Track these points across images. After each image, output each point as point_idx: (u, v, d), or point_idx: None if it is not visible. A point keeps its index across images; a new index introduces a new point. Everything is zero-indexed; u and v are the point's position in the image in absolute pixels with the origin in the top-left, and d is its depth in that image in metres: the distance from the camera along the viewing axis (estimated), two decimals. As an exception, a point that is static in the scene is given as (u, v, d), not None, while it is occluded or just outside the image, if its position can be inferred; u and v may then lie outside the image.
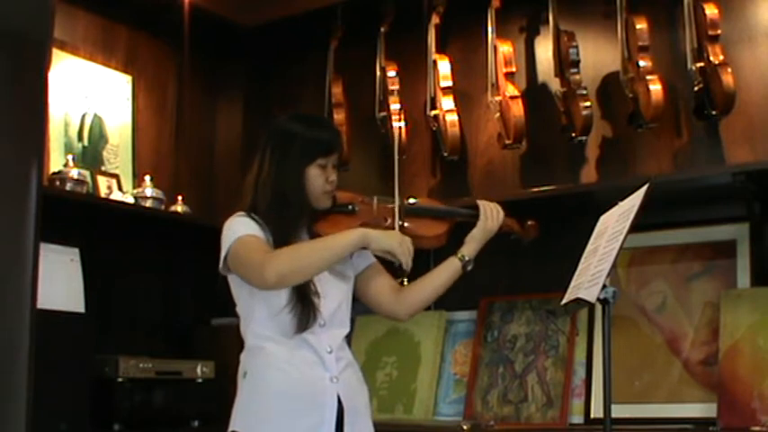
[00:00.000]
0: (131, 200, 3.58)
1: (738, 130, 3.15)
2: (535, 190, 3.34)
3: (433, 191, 3.75)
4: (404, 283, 2.50)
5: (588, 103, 3.25)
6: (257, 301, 2.38)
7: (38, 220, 2.54)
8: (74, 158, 3.40)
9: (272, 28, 4.05)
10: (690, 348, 3.08)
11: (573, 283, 2.44)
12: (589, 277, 2.33)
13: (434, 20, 3.63)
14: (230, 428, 2.39)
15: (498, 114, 3.44)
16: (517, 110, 3.35)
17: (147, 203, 3.58)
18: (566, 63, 3.30)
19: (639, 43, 3.11)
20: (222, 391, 3.44)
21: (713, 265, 3.13)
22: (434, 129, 3.65)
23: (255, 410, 2.35)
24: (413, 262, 2.43)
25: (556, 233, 3.10)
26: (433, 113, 3.62)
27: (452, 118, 3.55)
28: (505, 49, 3.42)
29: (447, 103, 3.57)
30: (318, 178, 2.44)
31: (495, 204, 2.68)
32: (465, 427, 3.17)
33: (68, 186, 3.29)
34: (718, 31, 3.00)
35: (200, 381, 3.52)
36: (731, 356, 2.93)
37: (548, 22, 3.42)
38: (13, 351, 2.44)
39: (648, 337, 3.16)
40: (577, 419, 3.18)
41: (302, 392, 2.34)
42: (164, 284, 3.94)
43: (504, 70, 3.41)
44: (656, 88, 3.07)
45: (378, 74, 3.75)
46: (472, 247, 2.61)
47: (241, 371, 2.42)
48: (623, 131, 3.34)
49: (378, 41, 3.76)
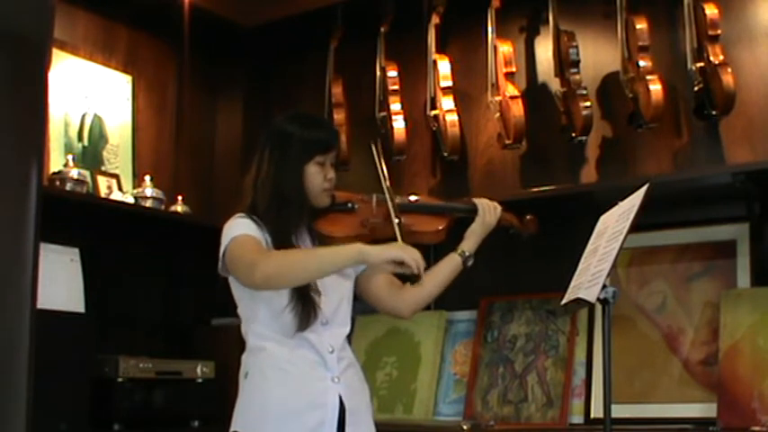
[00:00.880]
0: (131, 200, 3.58)
1: (738, 130, 3.15)
2: (535, 190, 3.34)
3: (433, 191, 3.75)
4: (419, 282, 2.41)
5: (588, 103, 3.25)
6: (259, 303, 2.38)
7: (38, 220, 2.53)
8: (74, 158, 3.40)
9: (272, 28, 4.05)
10: (690, 348, 3.08)
11: (573, 283, 2.44)
12: (589, 277, 2.33)
13: (434, 20, 3.63)
14: (232, 429, 2.39)
15: (498, 114, 3.44)
16: (517, 110, 3.35)
17: (147, 203, 3.58)
18: (566, 63, 3.30)
19: (639, 43, 3.12)
20: (222, 391, 3.44)
21: (713, 265, 3.13)
22: (434, 129, 3.65)
23: (257, 411, 2.35)
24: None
25: (556, 233, 3.10)
26: (433, 113, 3.62)
27: (452, 118, 3.56)
28: (505, 49, 3.42)
29: (447, 103, 3.57)
30: (317, 176, 2.44)
31: (492, 201, 2.68)
32: (465, 427, 3.17)
33: (68, 186, 3.29)
34: (718, 31, 3.00)
35: (200, 381, 3.52)
36: (731, 356, 2.93)
37: (548, 22, 3.42)
38: (13, 351, 2.43)
39: (648, 337, 3.16)
40: (577, 419, 3.18)
41: (304, 393, 2.34)
42: (164, 284, 3.94)
43: (504, 70, 3.41)
44: (656, 88, 3.07)
45: (378, 74, 3.76)
46: (472, 241, 2.62)
47: (242, 371, 2.42)
48: (623, 131, 3.34)
49: (378, 41, 3.76)
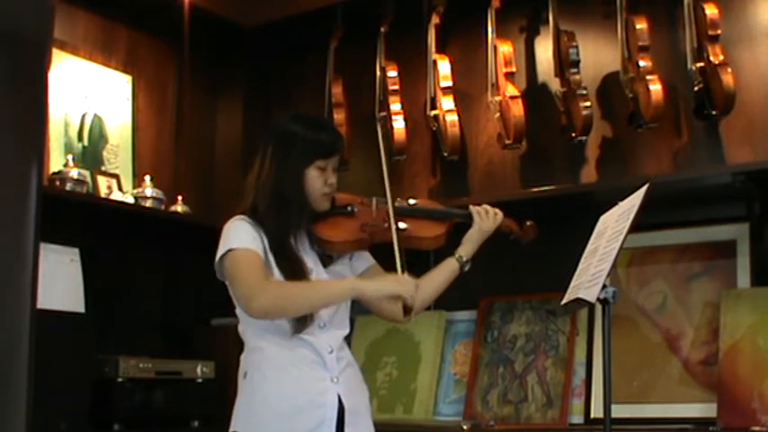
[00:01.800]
0: (131, 200, 3.58)
1: (738, 130, 3.15)
2: (535, 190, 3.34)
3: (432, 191, 3.75)
4: (411, 320, 2.46)
5: (588, 103, 3.25)
6: None
7: (38, 220, 2.53)
8: (74, 158, 3.40)
9: (272, 28, 4.05)
10: (690, 348, 3.08)
11: (573, 283, 2.44)
12: (589, 277, 2.33)
13: (434, 20, 3.63)
14: (231, 429, 2.39)
15: (498, 114, 3.44)
16: (517, 110, 3.35)
17: (147, 203, 3.58)
18: (566, 63, 3.30)
19: (639, 43, 3.11)
20: (222, 391, 3.44)
21: (713, 265, 3.13)
22: (434, 129, 3.65)
23: (256, 411, 2.35)
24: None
25: (556, 233, 3.10)
26: (433, 113, 3.62)
27: (452, 118, 3.55)
28: (505, 49, 3.42)
29: (447, 103, 3.57)
30: (317, 180, 2.43)
31: (487, 207, 2.68)
32: (465, 427, 3.17)
33: (68, 186, 3.29)
34: (718, 31, 3.00)
35: (200, 381, 3.52)
36: (731, 356, 2.93)
37: (548, 22, 3.42)
38: (13, 351, 2.43)
39: (648, 337, 3.16)
40: (577, 419, 3.18)
41: (303, 392, 2.34)
42: (164, 284, 3.94)
43: (504, 70, 3.41)
44: (656, 88, 3.07)
45: (378, 74, 3.75)
46: (469, 247, 2.63)
47: (241, 371, 2.42)
48: (623, 131, 3.34)
49: (378, 41, 3.76)
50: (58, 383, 2.92)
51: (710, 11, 3.01)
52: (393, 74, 3.71)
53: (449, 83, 3.58)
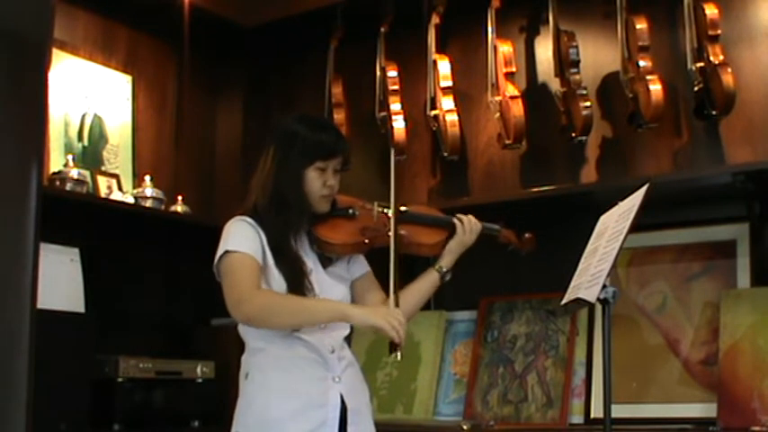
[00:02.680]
0: (131, 200, 3.58)
1: (738, 130, 3.15)
2: (535, 190, 3.34)
3: (433, 191, 3.75)
4: (398, 358, 2.40)
5: (588, 103, 3.25)
6: None
7: (38, 220, 2.53)
8: (74, 158, 3.40)
9: (272, 28, 4.05)
10: (690, 348, 3.08)
11: (573, 283, 2.44)
12: (589, 277, 2.33)
13: (434, 20, 3.63)
14: (233, 429, 2.40)
15: (498, 114, 3.44)
16: (517, 110, 3.34)
17: (147, 203, 3.58)
18: (566, 63, 3.30)
19: (639, 43, 3.11)
20: (222, 391, 3.45)
21: (713, 265, 3.13)
22: (434, 129, 3.65)
23: (258, 411, 2.36)
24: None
25: (556, 233, 3.10)
26: (433, 113, 3.62)
27: (452, 118, 3.55)
28: (505, 49, 3.42)
29: (447, 103, 3.57)
30: (316, 181, 2.43)
31: (471, 217, 2.67)
32: (465, 427, 3.17)
33: (68, 186, 3.29)
34: (718, 31, 3.00)
35: (200, 381, 3.52)
36: (731, 356, 2.93)
37: (548, 22, 3.42)
38: (13, 351, 2.43)
39: (648, 337, 3.16)
40: (577, 419, 3.18)
41: (305, 393, 2.35)
42: (164, 284, 3.93)
43: (504, 70, 3.41)
44: (656, 88, 3.07)
45: (378, 74, 3.75)
46: (449, 258, 2.63)
47: (242, 372, 2.43)
48: (623, 131, 3.34)
49: (378, 41, 3.76)
50: (58, 383, 2.93)
51: (710, 11, 3.01)
52: (393, 74, 3.71)
53: (449, 83, 3.58)
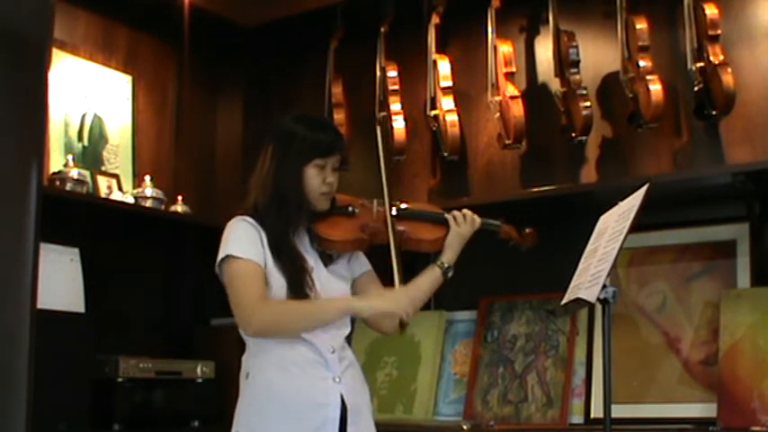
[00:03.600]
0: (131, 200, 3.58)
1: (738, 130, 3.15)
2: (535, 190, 3.34)
3: (433, 191, 3.75)
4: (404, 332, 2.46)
5: (588, 103, 3.25)
6: None
7: (38, 220, 2.53)
8: (74, 158, 3.40)
9: (272, 28, 4.04)
10: (690, 348, 3.08)
11: (573, 283, 2.44)
12: (589, 277, 2.33)
13: (434, 20, 3.63)
14: (233, 429, 2.40)
15: (498, 114, 3.44)
16: (517, 110, 3.34)
17: (147, 203, 3.58)
18: (566, 63, 3.30)
19: (639, 43, 3.11)
20: (222, 391, 3.45)
21: (713, 265, 3.13)
22: (434, 129, 3.65)
23: (259, 412, 2.36)
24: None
25: (556, 233, 3.10)
26: (433, 113, 3.62)
27: (452, 118, 3.55)
28: (505, 49, 3.42)
29: (447, 103, 3.57)
30: (315, 179, 2.44)
31: (466, 211, 2.66)
32: (465, 427, 3.17)
33: (68, 186, 3.29)
34: (718, 31, 3.00)
35: (200, 381, 3.52)
36: (731, 356, 2.93)
37: (548, 22, 3.42)
38: (13, 351, 2.44)
39: (648, 337, 3.16)
40: (577, 419, 3.18)
41: (306, 393, 2.35)
42: (164, 284, 3.94)
43: (504, 70, 3.41)
44: (656, 88, 3.07)
45: (378, 74, 3.75)
46: (450, 253, 2.62)
47: (243, 372, 2.43)
48: (623, 131, 3.34)
49: (378, 41, 3.76)
50: (58, 383, 2.92)
51: (710, 11, 3.01)
52: (393, 74, 3.71)
53: (449, 83, 3.58)
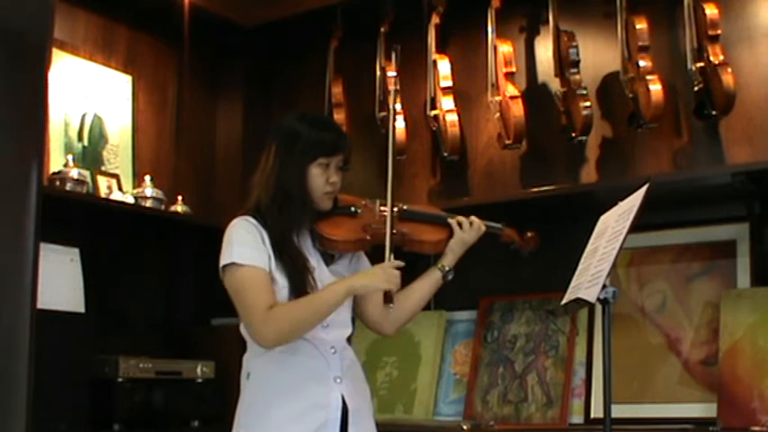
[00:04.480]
0: (131, 200, 3.58)
1: (738, 130, 3.15)
2: (535, 190, 3.34)
3: (433, 191, 3.75)
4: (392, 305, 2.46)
5: (588, 103, 3.25)
6: None
7: (38, 220, 2.53)
8: (74, 158, 3.40)
9: (272, 28, 4.05)
10: (690, 348, 3.08)
11: (573, 283, 2.44)
12: (589, 277, 2.33)
13: (434, 20, 3.63)
14: (234, 430, 2.39)
15: (498, 114, 3.44)
16: (517, 110, 3.35)
17: (147, 203, 3.58)
18: (566, 63, 3.30)
19: (639, 43, 3.12)
20: (222, 391, 3.45)
21: (713, 265, 3.13)
22: (434, 129, 3.65)
23: (260, 412, 2.35)
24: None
25: (556, 233, 3.10)
26: (433, 113, 3.62)
27: (452, 118, 3.56)
28: (505, 49, 3.42)
29: (447, 103, 3.57)
30: (319, 178, 2.44)
31: (474, 218, 2.66)
32: (465, 427, 3.17)
33: (68, 186, 3.29)
34: (718, 31, 3.00)
35: (200, 381, 3.52)
36: (731, 356, 2.93)
37: (548, 22, 3.42)
38: (13, 351, 2.43)
39: (648, 337, 3.16)
40: (577, 419, 3.18)
41: (307, 393, 2.34)
42: (164, 284, 3.94)
43: (504, 70, 3.41)
44: (656, 88, 3.07)
45: (378, 74, 3.75)
46: (451, 257, 2.62)
47: (244, 372, 2.42)
48: (623, 131, 3.34)
49: (378, 41, 3.76)
50: (58, 383, 2.92)
51: (710, 11, 3.01)
52: (393, 74, 3.71)
53: (449, 83, 3.58)
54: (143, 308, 3.82)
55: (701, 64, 3.03)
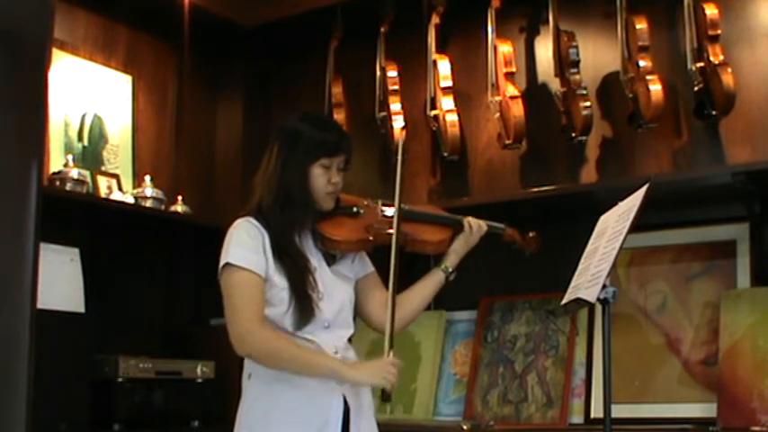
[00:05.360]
0: (131, 200, 3.58)
1: (738, 130, 3.15)
2: (535, 190, 3.34)
3: (433, 191, 3.75)
4: (389, 402, 2.42)
5: (588, 103, 3.25)
6: None
7: (38, 220, 2.53)
8: (74, 158, 3.40)
9: (272, 28, 4.05)
10: (690, 348, 3.08)
11: (573, 283, 2.44)
12: (589, 277, 2.33)
13: (434, 20, 3.63)
14: (235, 430, 2.39)
15: (498, 114, 3.44)
16: (517, 110, 3.35)
17: (147, 203, 3.58)
18: (566, 63, 3.30)
19: (639, 43, 3.12)
20: (222, 391, 3.45)
21: (713, 265, 3.13)
22: (434, 129, 3.65)
23: (261, 412, 2.35)
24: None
25: (556, 233, 3.10)
26: (433, 113, 3.62)
27: (452, 118, 3.56)
28: (505, 49, 3.42)
29: (447, 103, 3.57)
30: (320, 178, 2.43)
31: (480, 221, 2.67)
32: (465, 427, 3.17)
33: (68, 186, 3.29)
34: (718, 31, 3.00)
35: (200, 381, 3.52)
36: (731, 356, 2.93)
37: (548, 22, 3.42)
38: (13, 351, 2.43)
39: (648, 337, 3.16)
40: (577, 419, 3.18)
41: (308, 393, 2.34)
42: (164, 284, 3.93)
43: (504, 70, 3.41)
44: (656, 88, 3.07)
45: (378, 74, 3.75)
46: (454, 258, 2.63)
47: (245, 373, 2.42)
48: (623, 131, 3.34)
49: (378, 41, 3.76)
50: (58, 383, 2.93)
51: (710, 11, 3.01)
52: (393, 74, 3.71)
53: (449, 83, 3.58)
54: (143, 308, 3.82)
55: (701, 64, 3.03)
